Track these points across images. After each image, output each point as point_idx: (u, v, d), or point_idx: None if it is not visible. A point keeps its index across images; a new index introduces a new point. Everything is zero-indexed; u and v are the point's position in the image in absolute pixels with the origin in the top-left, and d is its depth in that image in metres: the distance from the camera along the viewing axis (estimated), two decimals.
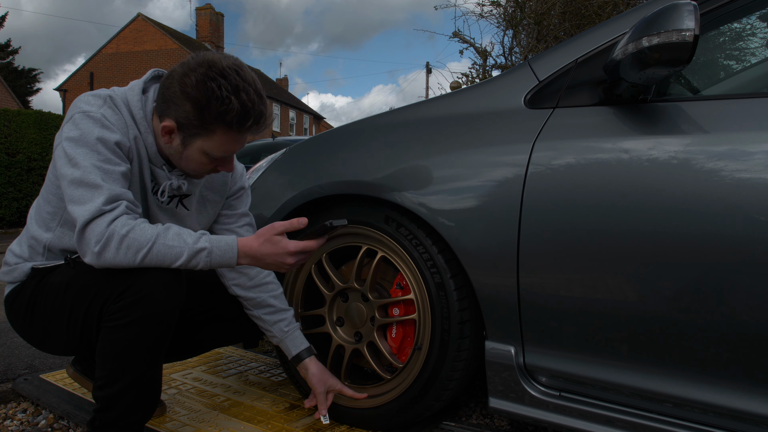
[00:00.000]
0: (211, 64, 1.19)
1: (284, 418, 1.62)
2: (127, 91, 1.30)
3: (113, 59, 24.76)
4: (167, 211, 1.39)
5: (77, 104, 1.25)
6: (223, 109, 1.18)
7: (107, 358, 1.19)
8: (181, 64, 1.25)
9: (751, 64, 1.78)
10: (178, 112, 1.22)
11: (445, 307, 1.39)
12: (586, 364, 1.21)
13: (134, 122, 1.28)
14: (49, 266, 1.31)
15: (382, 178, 1.44)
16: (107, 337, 1.18)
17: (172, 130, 1.25)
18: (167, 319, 1.19)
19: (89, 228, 1.13)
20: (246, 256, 1.23)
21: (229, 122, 1.20)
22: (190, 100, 1.19)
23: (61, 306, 1.26)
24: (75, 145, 1.18)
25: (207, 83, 1.17)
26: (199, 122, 1.21)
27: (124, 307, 1.16)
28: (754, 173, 1.03)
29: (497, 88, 1.42)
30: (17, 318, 1.35)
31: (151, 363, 1.22)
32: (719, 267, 1.06)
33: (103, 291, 1.19)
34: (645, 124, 1.18)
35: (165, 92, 1.24)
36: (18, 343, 2.42)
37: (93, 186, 1.15)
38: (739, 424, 1.08)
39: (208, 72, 1.18)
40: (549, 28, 6.51)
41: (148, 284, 1.16)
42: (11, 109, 8.84)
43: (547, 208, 1.21)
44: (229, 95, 1.17)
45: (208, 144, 1.25)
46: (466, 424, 1.62)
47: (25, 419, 1.66)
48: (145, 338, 1.18)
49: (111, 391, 1.20)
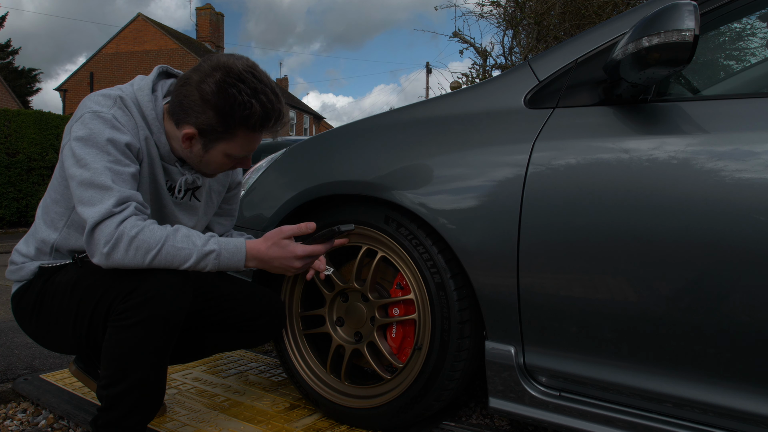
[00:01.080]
0: (227, 68, 1.20)
1: (284, 418, 1.62)
2: (137, 92, 1.30)
3: (113, 59, 24.75)
4: (182, 206, 1.42)
5: (87, 104, 1.25)
6: (246, 114, 1.20)
7: (113, 357, 1.19)
8: (194, 69, 1.25)
9: (751, 64, 1.78)
10: (200, 119, 1.23)
11: (445, 307, 1.39)
12: (586, 364, 1.21)
13: (145, 123, 1.29)
14: (56, 265, 1.32)
15: (382, 178, 1.44)
16: (113, 337, 1.18)
17: (193, 136, 1.26)
18: (173, 320, 1.19)
19: (98, 229, 1.14)
20: (254, 258, 1.24)
21: (252, 125, 1.23)
22: (212, 107, 1.21)
23: (68, 305, 1.26)
24: (84, 145, 1.19)
25: (227, 90, 1.19)
26: (223, 128, 1.23)
27: (131, 308, 1.16)
28: (754, 173, 1.03)
29: (497, 88, 1.42)
30: (24, 316, 1.35)
31: (156, 364, 1.22)
32: (719, 267, 1.06)
33: (110, 291, 1.19)
34: (645, 124, 1.18)
35: (183, 100, 1.25)
36: (18, 343, 2.42)
37: (103, 187, 1.16)
38: (739, 424, 1.08)
39: (226, 78, 1.19)
40: (549, 28, 6.51)
41: (155, 286, 1.16)
42: (11, 109, 8.85)
43: (547, 208, 1.21)
44: (250, 99, 1.20)
45: (230, 146, 1.27)
46: (466, 424, 1.62)
47: (25, 419, 1.66)
48: (151, 339, 1.18)
49: (115, 390, 1.20)
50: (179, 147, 1.31)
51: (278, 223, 1.63)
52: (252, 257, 1.24)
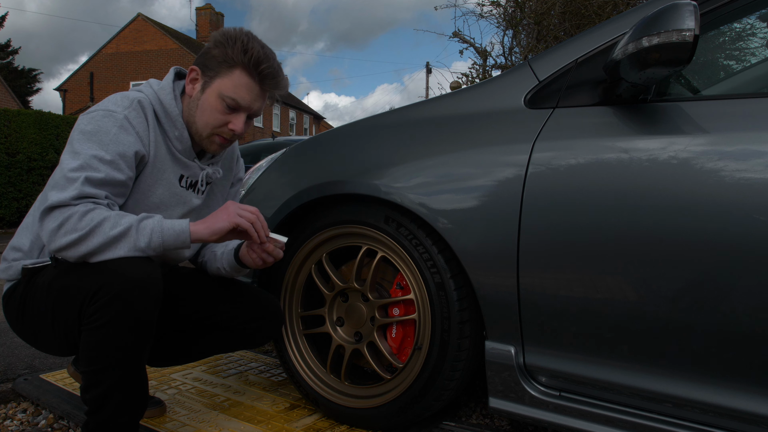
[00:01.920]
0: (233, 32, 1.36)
1: (284, 418, 1.62)
2: (159, 91, 1.36)
3: (113, 59, 24.74)
4: (202, 198, 1.47)
5: (104, 102, 1.30)
6: (245, 48, 1.31)
7: (89, 359, 1.18)
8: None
9: (751, 64, 1.78)
10: (206, 59, 1.35)
11: (445, 307, 1.39)
12: (586, 364, 1.21)
13: (168, 121, 1.35)
14: (37, 266, 1.31)
15: (382, 178, 1.44)
16: (86, 339, 1.18)
17: (197, 75, 1.36)
18: (143, 317, 1.17)
19: (53, 212, 1.17)
20: (199, 224, 1.24)
21: (246, 62, 1.31)
22: (218, 44, 1.33)
23: (45, 309, 1.26)
24: (86, 139, 1.22)
25: (231, 32, 1.34)
26: (222, 58, 1.32)
27: (99, 309, 1.15)
28: (754, 173, 1.03)
29: (497, 88, 1.42)
30: (12, 318, 1.36)
31: (131, 363, 1.20)
32: (719, 267, 1.06)
33: (79, 293, 1.18)
34: (645, 124, 1.18)
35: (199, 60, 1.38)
36: (18, 343, 2.42)
37: (72, 179, 1.17)
38: (739, 424, 1.08)
39: (230, 30, 1.36)
40: (549, 28, 6.51)
41: (120, 283, 1.15)
42: (11, 109, 8.84)
43: (547, 208, 1.21)
44: (251, 41, 1.33)
45: (225, 83, 1.32)
46: (466, 424, 1.62)
47: (25, 419, 1.66)
48: (122, 338, 1.16)
49: (96, 392, 1.19)
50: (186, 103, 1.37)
51: (279, 222, 1.64)
52: (194, 230, 1.23)
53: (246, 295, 1.53)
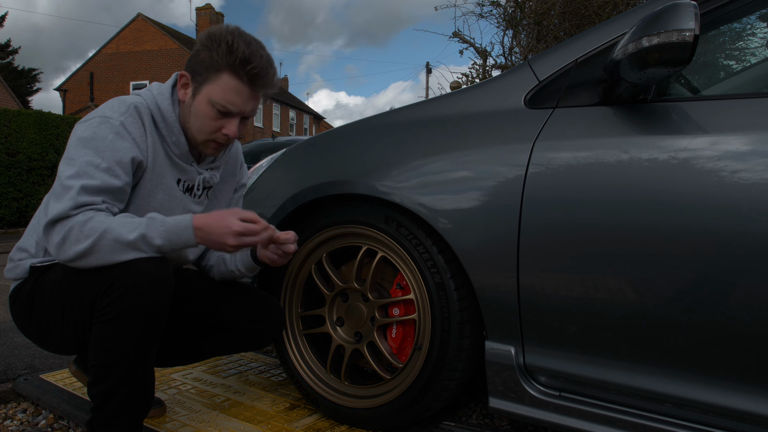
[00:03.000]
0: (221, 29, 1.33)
1: (284, 418, 1.62)
2: (157, 96, 1.35)
3: (113, 59, 24.73)
4: (201, 204, 1.47)
5: (102, 108, 1.29)
6: (230, 49, 1.26)
7: (99, 353, 1.20)
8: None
9: (751, 64, 1.78)
10: (194, 63, 1.32)
11: (445, 307, 1.39)
12: (586, 364, 1.21)
13: (165, 127, 1.34)
14: (46, 264, 1.32)
15: (382, 178, 1.44)
16: (97, 332, 1.19)
17: (187, 81, 1.33)
18: (154, 311, 1.19)
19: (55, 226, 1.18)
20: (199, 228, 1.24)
21: (233, 63, 1.27)
22: (203, 47, 1.30)
23: (54, 304, 1.27)
24: (82, 146, 1.22)
25: (216, 33, 1.30)
26: (210, 62, 1.29)
27: (111, 302, 1.17)
28: (754, 173, 1.03)
29: (497, 88, 1.42)
30: (19, 316, 1.36)
31: (141, 358, 1.21)
32: (719, 267, 1.06)
33: (91, 288, 1.20)
34: (645, 124, 1.18)
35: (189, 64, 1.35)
36: (18, 343, 2.42)
37: (69, 188, 1.18)
38: (739, 424, 1.08)
39: (215, 30, 1.32)
40: (549, 28, 6.51)
41: (134, 277, 1.17)
42: (11, 109, 8.84)
43: (547, 208, 1.21)
44: (236, 39, 1.28)
45: (213, 89, 1.30)
46: (466, 424, 1.62)
47: (25, 419, 1.66)
48: (132, 332, 1.18)
49: (103, 387, 1.20)
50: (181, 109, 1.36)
51: (279, 222, 1.64)
52: (198, 226, 1.24)
53: (248, 296, 1.53)
